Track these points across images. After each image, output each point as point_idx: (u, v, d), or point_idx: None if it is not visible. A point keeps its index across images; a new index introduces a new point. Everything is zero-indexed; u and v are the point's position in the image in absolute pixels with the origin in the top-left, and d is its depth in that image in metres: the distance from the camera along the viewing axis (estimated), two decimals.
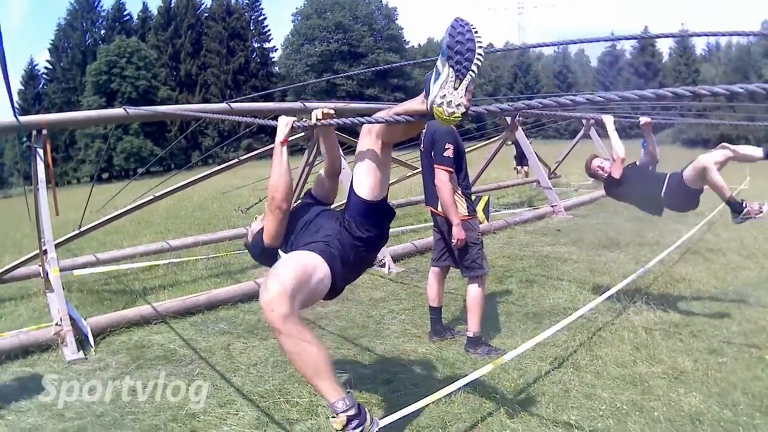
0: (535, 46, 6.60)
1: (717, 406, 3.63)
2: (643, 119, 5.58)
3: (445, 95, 2.28)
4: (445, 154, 4.66)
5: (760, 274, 6.83)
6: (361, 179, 2.98)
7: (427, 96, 2.40)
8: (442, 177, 4.65)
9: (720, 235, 9.23)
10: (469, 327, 4.78)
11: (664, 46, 67.42)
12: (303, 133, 8.83)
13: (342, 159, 8.18)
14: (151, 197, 7.81)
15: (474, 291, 4.79)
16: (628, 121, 6.57)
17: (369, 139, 2.92)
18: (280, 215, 3.08)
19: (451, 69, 2.29)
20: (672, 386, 3.91)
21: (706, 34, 5.73)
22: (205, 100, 59.36)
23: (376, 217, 3.05)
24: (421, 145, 4.94)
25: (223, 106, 7.85)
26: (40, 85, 67.49)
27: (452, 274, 5.45)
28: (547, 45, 4.82)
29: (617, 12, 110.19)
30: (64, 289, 5.78)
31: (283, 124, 3.07)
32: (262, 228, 3.25)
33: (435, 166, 4.70)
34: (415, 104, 2.58)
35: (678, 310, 5.50)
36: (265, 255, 3.41)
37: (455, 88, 2.28)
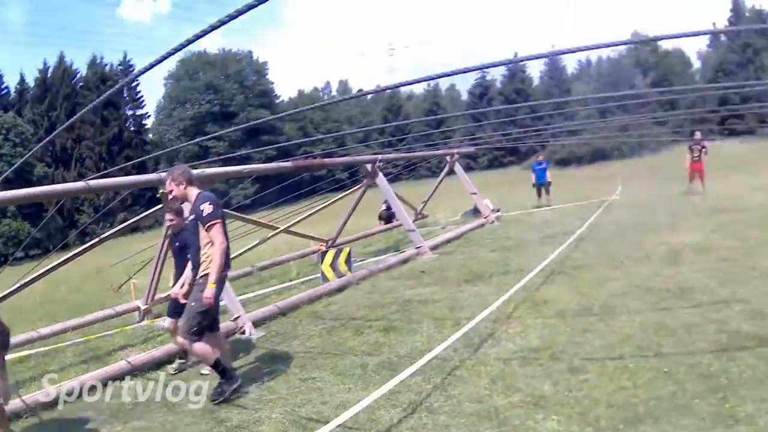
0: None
1: (577, 425, 3.70)
2: None
3: None
4: None
5: (629, 282, 7.04)
6: None
7: None
8: None
9: (587, 250, 9.49)
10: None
11: (535, 70, 70.19)
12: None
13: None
14: (20, 284, 7.47)
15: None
16: None
17: None
18: None
19: None
20: (530, 414, 3.94)
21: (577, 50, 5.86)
22: (81, 175, 56.17)
23: None
24: None
25: (81, 185, 7.72)
26: None
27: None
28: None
29: (486, 42, 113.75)
30: None
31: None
32: None
33: None
34: None
35: (538, 335, 5.54)
36: None
37: None
